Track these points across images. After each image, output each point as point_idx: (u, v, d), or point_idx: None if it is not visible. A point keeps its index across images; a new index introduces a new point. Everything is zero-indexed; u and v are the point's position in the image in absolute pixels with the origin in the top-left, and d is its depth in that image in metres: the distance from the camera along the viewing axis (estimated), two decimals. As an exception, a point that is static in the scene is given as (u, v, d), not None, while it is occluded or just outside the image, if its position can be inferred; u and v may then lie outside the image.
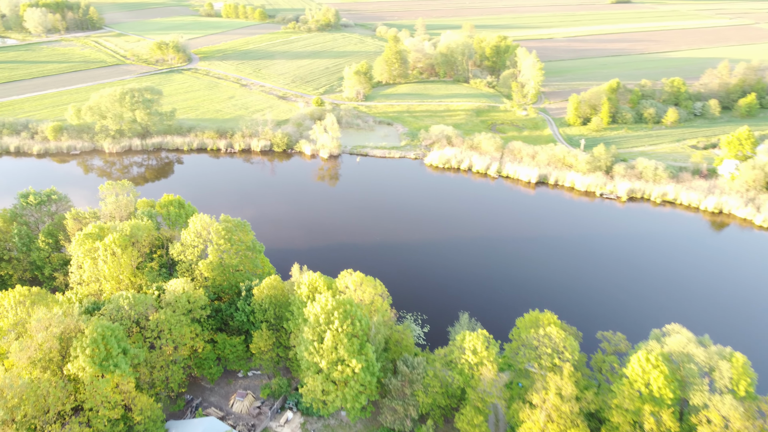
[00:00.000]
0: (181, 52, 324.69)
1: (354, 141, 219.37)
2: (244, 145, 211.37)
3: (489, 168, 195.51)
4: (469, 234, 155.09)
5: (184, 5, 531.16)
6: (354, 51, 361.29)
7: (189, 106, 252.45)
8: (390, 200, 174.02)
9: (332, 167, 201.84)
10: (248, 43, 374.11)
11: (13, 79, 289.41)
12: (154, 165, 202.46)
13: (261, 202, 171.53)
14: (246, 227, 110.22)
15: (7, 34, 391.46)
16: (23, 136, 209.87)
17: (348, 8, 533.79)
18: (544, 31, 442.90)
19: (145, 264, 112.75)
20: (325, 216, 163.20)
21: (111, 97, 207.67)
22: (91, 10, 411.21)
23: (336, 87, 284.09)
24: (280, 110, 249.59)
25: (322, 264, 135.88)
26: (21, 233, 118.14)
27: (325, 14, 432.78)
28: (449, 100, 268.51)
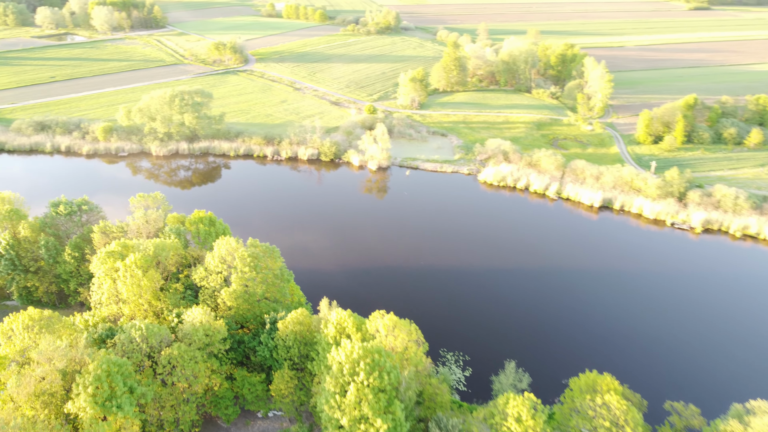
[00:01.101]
0: (238, 53, 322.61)
1: (405, 152, 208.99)
2: (291, 153, 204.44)
3: (548, 188, 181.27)
4: (522, 263, 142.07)
5: (246, 5, 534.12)
6: (412, 56, 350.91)
7: (240, 110, 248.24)
8: (438, 220, 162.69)
9: (380, 180, 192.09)
10: (306, 45, 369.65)
11: (75, 76, 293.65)
12: (199, 170, 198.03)
13: (299, 216, 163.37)
14: (275, 253, 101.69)
15: (76, 31, 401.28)
16: (75, 135, 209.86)
17: (409, 11, 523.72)
18: (615, 39, 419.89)
19: (170, 285, 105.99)
20: (367, 233, 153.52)
21: (161, 99, 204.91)
22: (155, 9, 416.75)
23: (391, 93, 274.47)
24: (331, 117, 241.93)
25: (357, 289, 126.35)
26: (48, 244, 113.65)
27: (385, 17, 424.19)
28: (509, 111, 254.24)
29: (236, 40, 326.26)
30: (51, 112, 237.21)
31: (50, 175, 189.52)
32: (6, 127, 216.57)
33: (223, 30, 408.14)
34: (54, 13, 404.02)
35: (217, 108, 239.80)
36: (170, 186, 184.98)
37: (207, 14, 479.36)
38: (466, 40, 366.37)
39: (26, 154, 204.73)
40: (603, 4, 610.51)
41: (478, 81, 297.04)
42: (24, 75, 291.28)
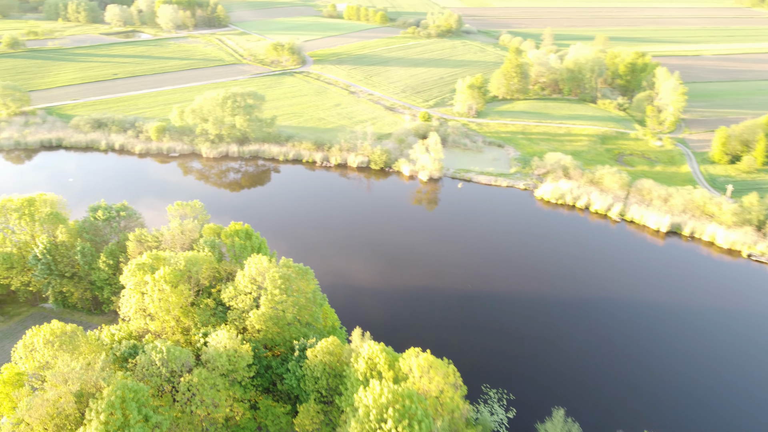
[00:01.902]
0: (296, 54, 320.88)
1: (458, 163, 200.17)
2: (341, 160, 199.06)
3: (610, 209, 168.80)
4: (579, 291, 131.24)
5: (309, 5, 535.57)
6: (472, 60, 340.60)
7: (293, 112, 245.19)
8: (489, 239, 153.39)
9: (430, 192, 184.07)
10: (364, 48, 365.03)
11: (136, 74, 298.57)
12: (248, 174, 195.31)
13: (341, 227, 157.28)
14: (308, 275, 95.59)
15: (142, 29, 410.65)
16: (129, 134, 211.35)
17: (472, 13, 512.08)
18: (690, 47, 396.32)
19: (201, 299, 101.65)
20: (411, 250, 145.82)
21: (213, 101, 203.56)
22: (219, 8, 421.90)
23: (447, 100, 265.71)
24: (384, 122, 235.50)
25: (396, 310, 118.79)
26: (84, 250, 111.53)
27: (447, 19, 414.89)
28: (571, 122, 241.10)
29: (294, 41, 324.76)
30: (110, 110, 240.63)
31: (102, 173, 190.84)
32: (66, 124, 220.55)
33: (284, 30, 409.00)
34: (123, 11, 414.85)
35: (269, 110, 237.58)
36: (219, 187, 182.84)
37: (269, 14, 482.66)
38: (530, 46, 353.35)
39: (82, 150, 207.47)
40: (678, 9, 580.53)
41: (540, 89, 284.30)
42: (89, 71, 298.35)
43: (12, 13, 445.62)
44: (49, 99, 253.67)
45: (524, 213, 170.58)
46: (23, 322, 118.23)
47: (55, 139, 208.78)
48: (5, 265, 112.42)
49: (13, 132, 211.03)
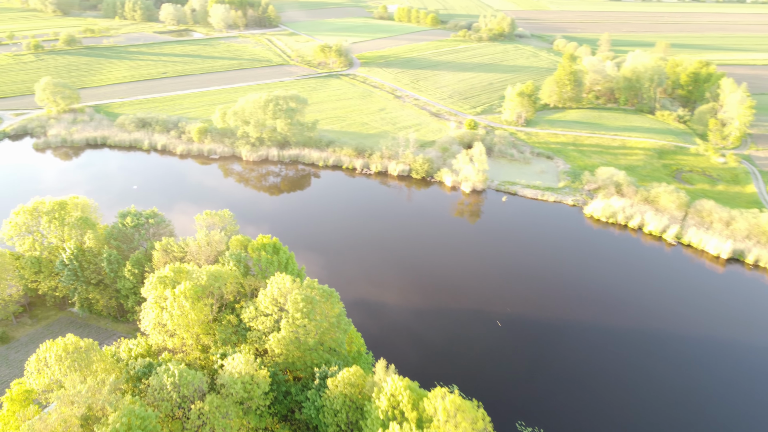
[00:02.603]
0: (343, 56, 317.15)
1: (504, 174, 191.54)
2: (381, 167, 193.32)
3: (666, 230, 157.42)
4: (628, 320, 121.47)
5: (360, 6, 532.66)
6: (524, 66, 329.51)
7: (336, 116, 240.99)
8: (532, 258, 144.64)
9: (473, 204, 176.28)
10: (413, 50, 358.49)
11: (184, 73, 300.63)
12: (287, 179, 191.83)
13: (377, 239, 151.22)
14: (333, 298, 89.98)
15: (195, 28, 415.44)
16: (172, 134, 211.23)
17: (526, 17, 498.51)
18: (759, 56, 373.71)
19: (224, 315, 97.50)
20: (448, 268, 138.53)
21: (255, 103, 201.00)
22: (270, 8, 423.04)
23: (496, 107, 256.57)
24: (428, 129, 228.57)
25: (427, 336, 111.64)
26: (111, 258, 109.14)
27: (500, 23, 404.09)
28: (626, 134, 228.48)
29: (342, 43, 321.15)
30: (155, 109, 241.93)
31: (141, 174, 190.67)
32: (112, 122, 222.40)
33: (333, 31, 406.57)
34: (177, 10, 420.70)
35: (312, 113, 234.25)
36: (257, 191, 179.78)
37: (320, 15, 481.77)
38: (585, 52, 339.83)
39: (126, 150, 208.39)
40: (746, 15, 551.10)
41: (595, 98, 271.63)
42: (139, 70, 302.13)
43: (73, 10, 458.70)
44: (99, 97, 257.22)
45: (572, 232, 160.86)
46: (50, 327, 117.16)
47: (100, 138, 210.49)
48: (33, 269, 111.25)
49: (60, 129, 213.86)
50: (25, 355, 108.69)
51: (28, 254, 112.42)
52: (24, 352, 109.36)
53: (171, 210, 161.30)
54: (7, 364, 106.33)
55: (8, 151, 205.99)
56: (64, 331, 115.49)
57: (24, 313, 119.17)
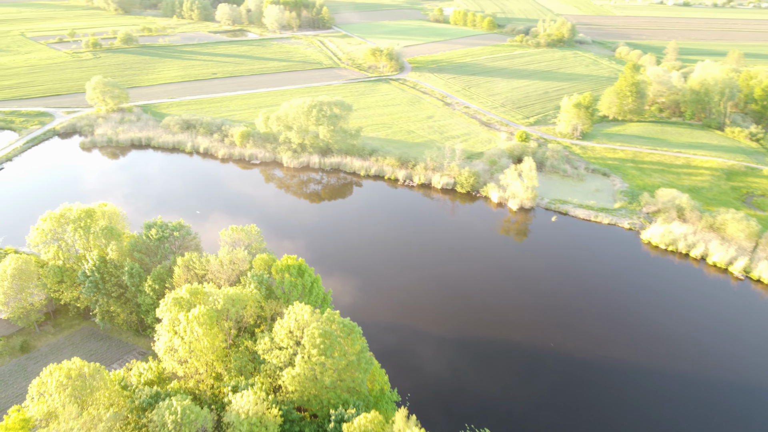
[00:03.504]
0: (394, 60, 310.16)
1: (555, 192, 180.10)
2: (425, 179, 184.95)
3: (733, 262, 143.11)
4: (688, 363, 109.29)
5: (416, 8, 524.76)
6: (583, 74, 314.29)
7: (382, 123, 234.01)
8: (582, 286, 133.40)
9: (519, 223, 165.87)
10: (466, 55, 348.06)
11: (234, 74, 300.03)
12: (328, 187, 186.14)
13: (413, 257, 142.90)
14: (355, 333, 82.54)
15: (250, 28, 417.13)
16: (215, 137, 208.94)
17: (588, 22, 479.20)
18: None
19: (242, 340, 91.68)
20: (489, 294, 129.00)
21: (299, 109, 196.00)
22: (324, 9, 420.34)
23: (550, 117, 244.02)
24: (477, 140, 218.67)
25: (460, 372, 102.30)
26: (132, 271, 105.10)
27: (559, 28, 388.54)
28: (692, 151, 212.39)
29: (394, 46, 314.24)
30: (202, 110, 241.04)
31: (181, 177, 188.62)
32: (158, 123, 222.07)
33: (387, 34, 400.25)
34: (232, 10, 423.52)
35: (359, 119, 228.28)
36: (296, 198, 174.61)
37: (374, 17, 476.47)
38: (650, 60, 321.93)
39: (169, 151, 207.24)
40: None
41: (658, 110, 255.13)
42: (191, 70, 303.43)
43: (134, 9, 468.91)
44: (148, 96, 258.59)
45: (627, 258, 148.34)
46: (72, 337, 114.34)
47: (145, 139, 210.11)
48: (56, 278, 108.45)
49: (107, 129, 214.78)
50: (43, 367, 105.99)
51: (52, 263, 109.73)
52: (42, 364, 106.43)
53: (204, 219, 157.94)
54: (24, 376, 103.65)
55: (56, 149, 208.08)
56: (85, 343, 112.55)
57: (48, 321, 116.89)
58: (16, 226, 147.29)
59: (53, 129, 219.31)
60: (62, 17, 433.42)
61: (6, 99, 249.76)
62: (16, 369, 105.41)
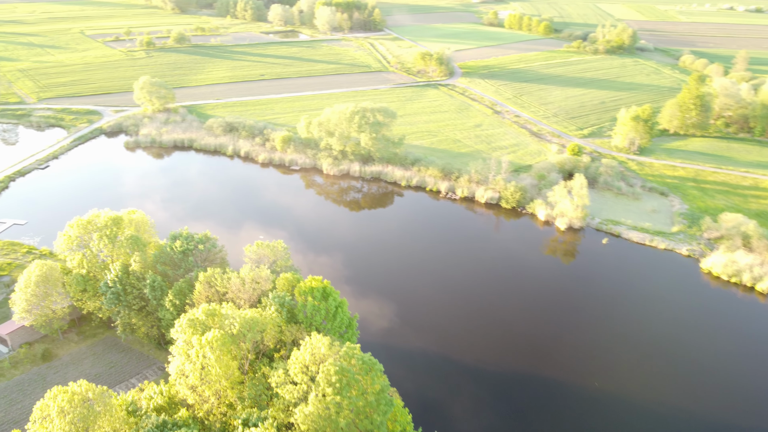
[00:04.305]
0: (444, 65, 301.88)
1: (607, 211, 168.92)
2: (468, 192, 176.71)
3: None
4: (754, 415, 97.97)
5: (470, 11, 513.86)
6: (643, 84, 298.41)
7: (428, 130, 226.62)
8: (632, 317, 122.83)
9: (567, 243, 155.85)
10: (520, 61, 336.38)
11: (282, 76, 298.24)
12: (368, 197, 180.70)
13: (449, 279, 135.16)
14: (375, 371, 75.75)
15: (301, 29, 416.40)
16: (256, 141, 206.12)
17: (651, 28, 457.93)
18: None
19: (259, 365, 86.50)
20: (529, 322, 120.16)
21: (341, 114, 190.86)
22: (375, 11, 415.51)
23: (606, 129, 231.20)
24: (526, 151, 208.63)
25: (497, 406, 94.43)
26: (155, 284, 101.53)
27: (619, 34, 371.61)
28: (761, 171, 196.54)
29: (444, 51, 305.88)
30: (247, 112, 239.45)
31: (220, 181, 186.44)
32: (201, 124, 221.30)
33: (439, 37, 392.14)
34: (285, 11, 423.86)
35: (404, 126, 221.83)
36: (332, 210, 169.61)
37: (427, 19, 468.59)
38: (717, 71, 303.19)
39: (210, 154, 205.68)
40: None
41: (724, 125, 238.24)
42: (239, 71, 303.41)
43: (190, 8, 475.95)
44: (195, 97, 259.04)
45: (684, 289, 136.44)
46: (94, 346, 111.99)
47: (187, 140, 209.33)
48: (79, 287, 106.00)
49: (152, 129, 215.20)
50: (63, 377, 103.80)
51: (76, 271, 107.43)
52: (62, 374, 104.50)
53: (237, 227, 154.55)
54: (42, 386, 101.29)
55: (101, 148, 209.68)
56: (106, 354, 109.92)
57: (72, 328, 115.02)
58: (54, 227, 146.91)
59: (100, 128, 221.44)
60: (121, 15, 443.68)
61: (59, 96, 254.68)
62: (35, 378, 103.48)
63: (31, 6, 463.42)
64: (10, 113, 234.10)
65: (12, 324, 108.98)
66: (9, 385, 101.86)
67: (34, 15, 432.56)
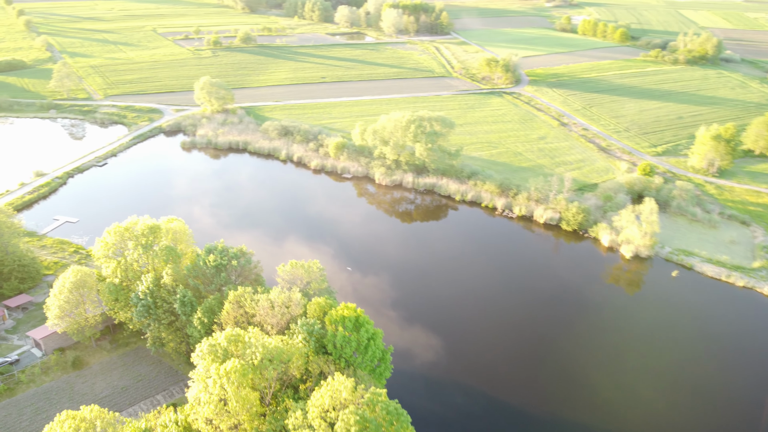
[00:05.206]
0: (510, 72, 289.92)
1: (679, 239, 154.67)
2: (526, 211, 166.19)
3: None
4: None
5: (542, 15, 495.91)
6: (726, 99, 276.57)
7: (488, 141, 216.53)
8: (706, 366, 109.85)
9: (632, 273, 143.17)
10: (592, 70, 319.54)
11: (342, 79, 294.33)
12: (418, 210, 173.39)
13: (498, 306, 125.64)
14: (402, 422, 68.40)
15: (367, 31, 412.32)
16: (310, 146, 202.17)
17: (738, 37, 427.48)
18: None
19: (283, 397, 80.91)
20: (589, 368, 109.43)
21: (397, 123, 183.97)
22: (443, 15, 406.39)
23: (682, 148, 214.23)
24: (592, 168, 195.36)
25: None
26: (185, 300, 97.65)
27: (703, 44, 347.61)
28: None
29: (511, 57, 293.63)
30: (304, 115, 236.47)
31: (270, 187, 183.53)
32: (257, 126, 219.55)
33: (507, 42, 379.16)
34: (351, 12, 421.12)
35: (463, 135, 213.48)
36: (381, 223, 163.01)
37: (496, 23, 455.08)
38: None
39: (264, 157, 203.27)
40: None
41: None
42: (301, 72, 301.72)
43: (260, 8, 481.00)
44: (255, 98, 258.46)
45: (764, 337, 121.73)
46: (125, 356, 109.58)
47: (242, 143, 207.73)
48: (111, 296, 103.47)
49: (209, 130, 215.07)
50: (91, 387, 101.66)
51: (109, 279, 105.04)
52: (90, 384, 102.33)
53: (282, 238, 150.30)
54: (69, 396, 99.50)
55: (159, 147, 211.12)
56: (136, 365, 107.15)
57: (107, 335, 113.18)
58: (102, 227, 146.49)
59: (160, 126, 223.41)
60: (193, 14, 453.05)
61: (125, 93, 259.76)
62: (64, 387, 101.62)
63: (111, 3, 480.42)
64: (77, 109, 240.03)
65: (47, 328, 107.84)
66: (37, 393, 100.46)
67: (112, 12, 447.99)
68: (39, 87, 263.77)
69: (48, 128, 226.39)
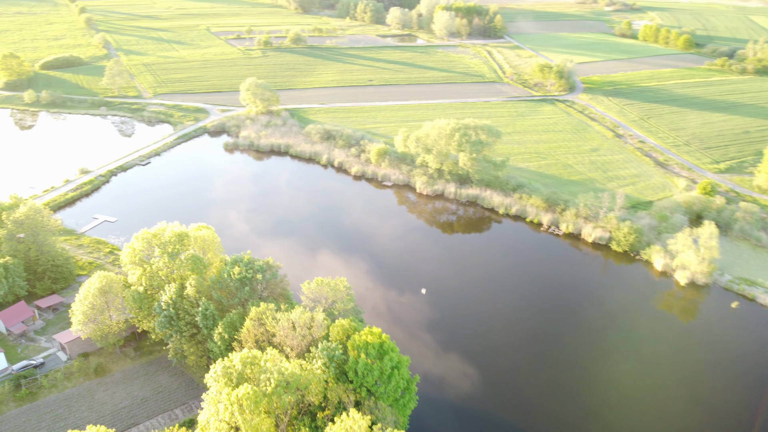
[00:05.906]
0: (564, 79, 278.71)
1: (741, 267, 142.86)
2: (573, 229, 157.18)
3: None
4: None
5: (602, 20, 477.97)
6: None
7: (537, 151, 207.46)
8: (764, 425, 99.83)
9: (686, 301, 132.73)
10: (651, 78, 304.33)
11: (390, 82, 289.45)
12: (460, 222, 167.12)
13: (539, 336, 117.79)
14: (418, 470, 62.64)
15: (418, 33, 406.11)
16: (351, 152, 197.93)
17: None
18: None
19: (300, 425, 76.55)
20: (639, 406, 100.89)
21: (441, 131, 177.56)
22: (497, 17, 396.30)
23: (748, 165, 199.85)
24: (647, 184, 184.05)
25: None
26: (207, 313, 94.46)
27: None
28: None
29: (566, 63, 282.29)
30: (348, 119, 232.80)
31: (307, 193, 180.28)
32: (300, 129, 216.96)
33: (563, 48, 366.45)
34: (403, 14, 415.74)
35: (511, 145, 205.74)
36: (424, 232, 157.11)
37: (552, 27, 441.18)
38: None
39: (305, 161, 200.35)
40: None
41: None
42: (348, 74, 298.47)
43: (312, 8, 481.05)
44: (300, 100, 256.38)
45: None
46: (147, 366, 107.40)
47: (284, 146, 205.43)
48: (135, 304, 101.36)
49: (251, 132, 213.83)
50: (111, 396, 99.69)
51: (134, 287, 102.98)
52: (110, 393, 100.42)
53: (317, 248, 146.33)
54: (89, 405, 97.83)
55: (202, 148, 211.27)
56: (157, 375, 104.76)
57: (131, 342, 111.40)
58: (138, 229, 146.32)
59: (204, 126, 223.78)
60: (247, 14, 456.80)
61: (173, 92, 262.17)
62: (84, 394, 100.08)
63: (168, 2, 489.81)
64: (126, 107, 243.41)
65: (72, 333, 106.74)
66: (59, 399, 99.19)
67: (170, 11, 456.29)
68: (92, 84, 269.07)
69: (97, 125, 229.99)
